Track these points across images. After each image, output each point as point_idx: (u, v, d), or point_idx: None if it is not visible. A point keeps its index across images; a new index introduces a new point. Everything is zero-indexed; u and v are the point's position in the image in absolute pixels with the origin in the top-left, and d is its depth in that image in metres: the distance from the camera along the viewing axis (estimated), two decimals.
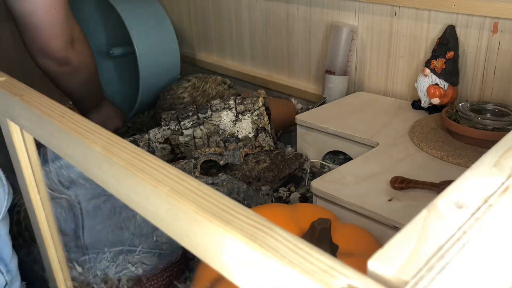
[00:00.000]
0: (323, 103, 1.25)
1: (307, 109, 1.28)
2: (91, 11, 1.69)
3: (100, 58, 1.76)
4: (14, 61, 1.62)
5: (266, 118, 1.09)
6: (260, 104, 1.10)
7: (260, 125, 1.08)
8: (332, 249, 0.57)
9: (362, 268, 0.25)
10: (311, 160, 1.11)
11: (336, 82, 1.24)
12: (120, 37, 1.63)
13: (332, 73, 1.24)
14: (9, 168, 0.59)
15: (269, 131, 1.09)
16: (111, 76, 1.79)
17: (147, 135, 1.11)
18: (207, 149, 1.00)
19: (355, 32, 1.21)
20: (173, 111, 1.14)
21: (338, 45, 1.22)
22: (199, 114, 1.10)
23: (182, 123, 1.10)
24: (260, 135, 1.08)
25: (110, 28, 1.73)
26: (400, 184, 0.79)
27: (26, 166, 0.55)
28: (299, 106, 1.35)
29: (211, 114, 1.10)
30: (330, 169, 1.05)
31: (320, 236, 0.57)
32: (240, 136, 1.08)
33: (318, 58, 1.34)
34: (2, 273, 0.68)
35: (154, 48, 1.46)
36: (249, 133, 1.08)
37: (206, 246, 0.30)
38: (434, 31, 1.09)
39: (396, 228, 0.72)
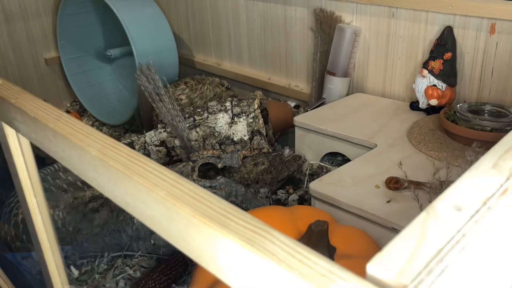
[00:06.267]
0: (323, 103, 1.25)
1: (306, 111, 1.28)
2: (90, 15, 1.69)
3: (98, 61, 1.76)
4: (11, 65, 1.61)
5: (261, 121, 1.09)
6: (256, 106, 1.09)
7: (255, 128, 1.08)
8: (329, 252, 0.57)
9: (360, 270, 0.25)
10: (310, 162, 1.10)
11: (337, 84, 1.24)
12: (118, 39, 1.63)
13: (333, 74, 1.23)
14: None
15: (264, 134, 1.09)
16: (109, 78, 1.78)
17: (143, 138, 1.11)
18: (205, 152, 0.99)
19: (358, 34, 1.20)
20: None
21: (341, 46, 1.21)
22: (195, 116, 1.10)
23: None
24: (255, 138, 1.08)
25: (108, 30, 1.73)
26: (395, 184, 0.79)
27: (22, 170, 0.55)
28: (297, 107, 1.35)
29: (207, 116, 1.10)
30: (328, 171, 1.04)
31: (318, 238, 0.56)
32: (235, 139, 1.08)
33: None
34: None
35: (152, 49, 1.46)
36: (244, 135, 1.08)
37: (203, 250, 0.29)
38: (432, 32, 1.09)
39: (394, 230, 0.72)
